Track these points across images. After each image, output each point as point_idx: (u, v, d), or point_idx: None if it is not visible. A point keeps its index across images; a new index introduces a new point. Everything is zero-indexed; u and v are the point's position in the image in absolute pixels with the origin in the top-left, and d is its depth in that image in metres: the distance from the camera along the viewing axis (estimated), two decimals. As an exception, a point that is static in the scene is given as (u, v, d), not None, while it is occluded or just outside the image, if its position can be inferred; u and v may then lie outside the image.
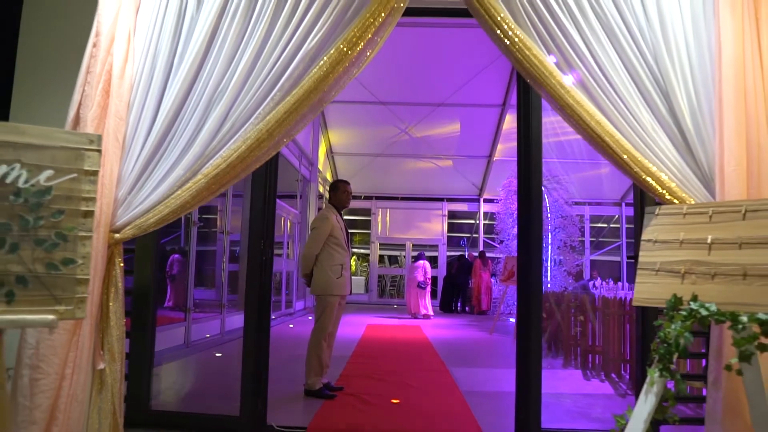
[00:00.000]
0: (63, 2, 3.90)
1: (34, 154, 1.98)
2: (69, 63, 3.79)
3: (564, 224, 10.69)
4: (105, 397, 2.59)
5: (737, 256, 2.27)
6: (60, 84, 3.80)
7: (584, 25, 2.77)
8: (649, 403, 2.28)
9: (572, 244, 10.75)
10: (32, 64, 3.88)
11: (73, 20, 3.86)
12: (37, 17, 3.93)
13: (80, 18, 3.82)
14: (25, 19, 3.94)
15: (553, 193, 11.20)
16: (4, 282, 1.84)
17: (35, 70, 3.87)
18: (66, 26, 3.86)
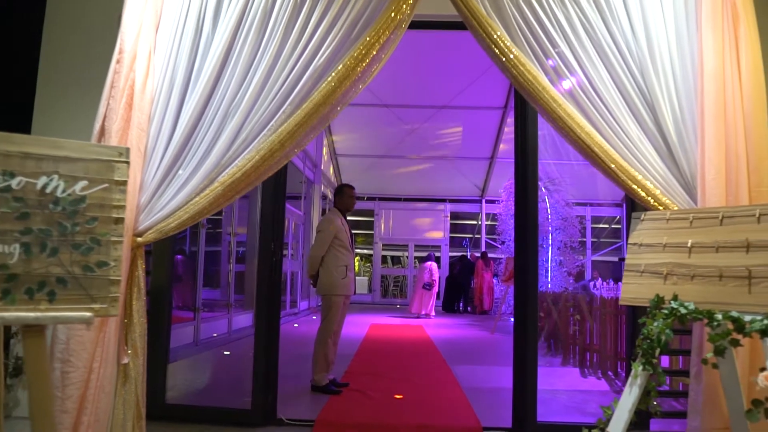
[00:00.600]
0: (81, 16, 4.09)
1: (70, 166, 2.17)
2: (87, 74, 4.03)
3: (564, 225, 10.86)
4: (129, 390, 2.79)
5: (714, 259, 2.46)
6: (79, 94, 4.02)
7: (575, 42, 2.96)
8: (633, 394, 2.47)
9: (572, 245, 10.91)
10: (53, 75, 4.07)
11: (91, 34, 4.07)
12: (57, 31, 4.12)
13: (98, 31, 4.06)
14: (46, 32, 4.14)
15: (554, 194, 11.37)
16: (46, 282, 2.04)
17: (55, 81, 4.06)
18: (84, 39, 4.05)
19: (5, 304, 1.96)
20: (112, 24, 4.01)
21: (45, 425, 1.94)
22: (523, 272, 3.75)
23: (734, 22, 2.86)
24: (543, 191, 11.22)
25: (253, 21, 3.02)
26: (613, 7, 2.99)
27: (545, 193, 11.24)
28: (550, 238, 11.04)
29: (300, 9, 3.02)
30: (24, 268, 2.01)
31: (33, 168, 2.11)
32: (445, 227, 18.32)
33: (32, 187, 2.09)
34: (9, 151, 2.09)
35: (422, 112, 14.43)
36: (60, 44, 4.09)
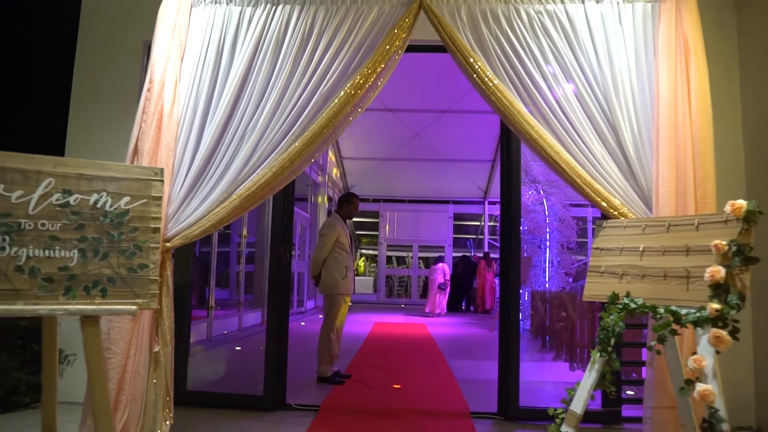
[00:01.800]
0: (111, 42, 4.53)
1: (116, 185, 2.62)
2: (116, 95, 4.48)
3: (561, 227, 11.23)
4: (159, 374, 3.23)
5: (661, 261, 2.87)
6: (109, 114, 4.47)
7: (548, 71, 3.37)
8: (592, 377, 2.88)
9: (569, 246, 11.27)
10: (84, 96, 4.52)
11: (120, 58, 4.52)
12: (89, 55, 4.56)
13: (126, 56, 4.52)
14: (78, 57, 4.58)
15: (552, 197, 11.74)
16: (99, 281, 2.48)
17: (87, 102, 4.50)
18: (114, 63, 4.51)
19: (68, 299, 2.41)
20: (139, 49, 4.50)
21: (101, 396, 2.38)
22: (506, 273, 4.18)
23: (686, 55, 3.26)
24: (541, 194, 11.60)
25: (266, 53, 3.46)
26: (581, 40, 3.41)
27: (543, 195, 11.60)
28: (548, 240, 11.41)
29: (306, 42, 3.46)
30: (81, 269, 2.46)
31: (86, 187, 2.56)
32: (449, 228, 18.69)
33: (86, 203, 2.54)
34: (67, 173, 2.53)
35: (426, 116, 14.81)
36: (91, 67, 4.54)
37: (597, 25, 3.41)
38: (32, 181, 2.46)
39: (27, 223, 2.41)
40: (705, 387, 2.40)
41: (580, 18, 3.43)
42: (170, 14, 3.50)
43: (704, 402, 2.39)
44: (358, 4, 3.49)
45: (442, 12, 3.43)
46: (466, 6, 3.45)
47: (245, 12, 3.54)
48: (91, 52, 4.58)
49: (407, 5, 3.45)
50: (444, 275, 13.67)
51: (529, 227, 11.53)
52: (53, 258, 2.43)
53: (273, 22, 3.50)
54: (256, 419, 3.87)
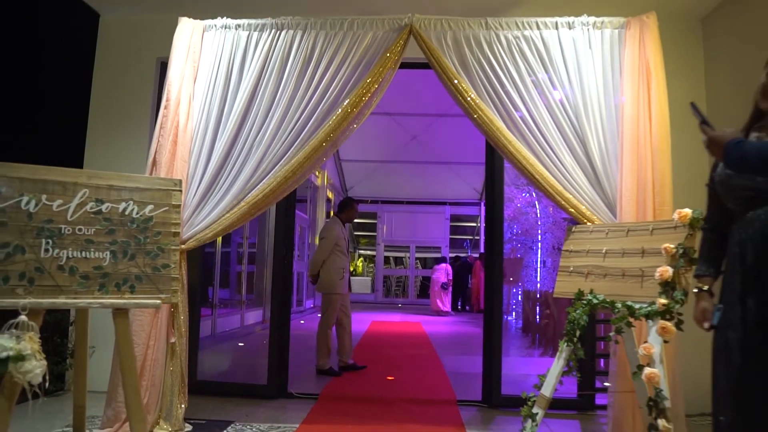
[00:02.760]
0: (127, 59, 4.90)
1: (141, 194, 2.99)
2: (131, 110, 4.84)
3: (552, 229, 11.61)
4: (175, 363, 3.60)
5: (620, 262, 3.25)
6: (124, 127, 4.83)
7: (524, 91, 3.75)
8: (559, 364, 3.27)
9: (560, 247, 11.65)
10: (101, 110, 4.88)
11: (134, 75, 4.89)
12: (106, 72, 4.92)
13: (140, 73, 4.88)
14: (96, 73, 4.95)
15: (544, 200, 12.12)
16: (128, 279, 2.85)
17: (104, 116, 4.86)
18: (129, 79, 4.87)
19: (102, 294, 2.78)
20: (152, 66, 4.87)
21: (131, 376, 2.76)
22: (490, 273, 4.56)
23: (647, 77, 3.64)
24: (534, 196, 11.97)
25: (271, 74, 3.84)
26: (555, 63, 3.78)
27: (536, 198, 11.98)
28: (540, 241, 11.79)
29: (308, 64, 3.84)
30: (113, 268, 2.84)
31: (116, 196, 2.93)
32: (446, 229, 19.05)
33: (116, 210, 2.91)
34: (99, 185, 2.91)
35: (423, 120, 15.17)
36: (108, 84, 4.90)
37: (569, 49, 3.79)
38: (70, 192, 2.84)
39: (66, 228, 2.78)
40: (651, 370, 2.78)
41: (554, 43, 3.81)
42: (184, 38, 3.87)
43: (651, 383, 2.77)
44: (354, 30, 3.86)
45: (430, 37, 3.81)
46: (452, 31, 3.83)
47: (252, 36, 3.92)
48: (108, 69, 4.94)
49: (398, 31, 3.83)
50: (447, 275, 14.19)
51: (521, 229, 11.90)
52: (89, 258, 2.80)
53: (277, 45, 3.88)
54: (261, 405, 4.24)
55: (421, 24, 3.82)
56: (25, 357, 2.36)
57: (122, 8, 4.90)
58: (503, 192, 4.63)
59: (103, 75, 4.96)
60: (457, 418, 4.10)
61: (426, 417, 4.08)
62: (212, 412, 3.99)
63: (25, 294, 2.61)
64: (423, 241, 19.25)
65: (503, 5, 4.48)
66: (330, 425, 3.80)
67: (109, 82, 4.93)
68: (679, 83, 4.48)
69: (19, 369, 2.34)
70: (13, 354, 2.34)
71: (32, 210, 2.73)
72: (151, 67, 4.90)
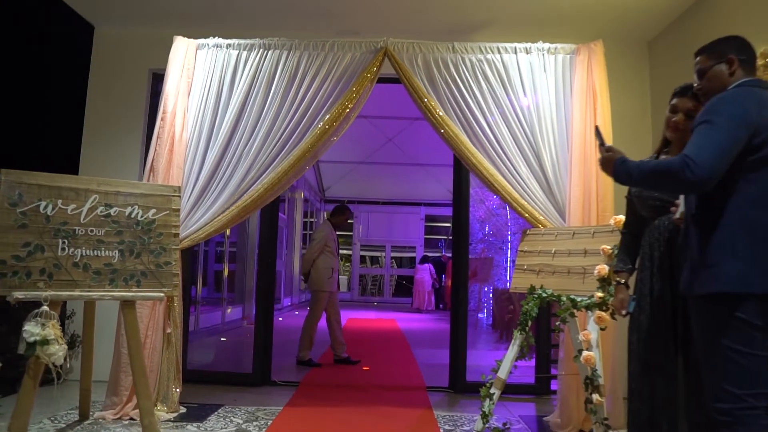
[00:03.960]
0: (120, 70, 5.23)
1: (145, 200, 3.37)
2: (124, 116, 5.18)
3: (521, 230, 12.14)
4: (171, 351, 3.98)
5: (566, 261, 3.73)
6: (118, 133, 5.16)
7: (486, 109, 4.21)
8: (514, 350, 3.73)
9: (528, 248, 12.18)
10: (96, 117, 5.20)
11: (127, 84, 5.23)
12: (100, 81, 5.25)
13: (133, 82, 5.22)
14: (91, 82, 5.27)
15: (514, 202, 12.63)
16: (134, 274, 3.23)
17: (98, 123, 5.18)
18: (122, 89, 5.21)
19: (112, 288, 3.16)
20: (145, 77, 5.22)
21: (138, 359, 3.15)
22: (457, 272, 5.02)
23: (594, 98, 4.13)
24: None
25: (258, 89, 4.23)
26: (514, 83, 4.25)
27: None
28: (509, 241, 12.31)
29: (292, 82, 4.24)
30: (121, 265, 3.22)
31: (123, 201, 3.31)
32: (421, 229, 19.52)
33: (123, 214, 3.29)
34: (108, 191, 3.29)
35: (399, 123, 15.60)
36: (102, 92, 5.23)
37: (526, 72, 4.26)
38: (82, 197, 3.21)
39: (80, 230, 3.15)
40: (588, 353, 3.26)
41: (513, 66, 4.27)
42: (180, 56, 4.24)
43: (588, 364, 3.25)
44: (335, 51, 4.28)
45: (402, 59, 4.25)
46: (422, 54, 4.27)
47: (242, 55, 4.31)
48: (102, 79, 5.26)
49: (374, 53, 4.25)
50: (432, 275, 14.77)
51: (492, 230, 12.40)
52: (100, 256, 3.18)
53: (264, 64, 4.28)
54: (247, 392, 4.63)
55: (395, 47, 4.25)
56: (49, 341, 2.74)
57: (116, 22, 5.22)
58: (469, 197, 5.10)
59: (97, 84, 5.27)
60: (426, 401, 4.55)
61: (398, 401, 4.52)
62: (203, 397, 4.37)
63: (46, 287, 2.98)
64: (398, 241, 19.68)
65: (468, 28, 4.96)
66: (311, 408, 4.21)
67: (103, 92, 5.25)
68: (628, 100, 5.02)
69: (45, 352, 2.71)
70: (39, 339, 2.71)
71: (50, 213, 3.10)
72: (144, 78, 5.24)
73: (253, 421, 3.79)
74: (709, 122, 1.92)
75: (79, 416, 3.66)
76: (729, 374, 1.83)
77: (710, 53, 2.18)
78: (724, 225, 1.92)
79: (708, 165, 1.84)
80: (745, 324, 1.81)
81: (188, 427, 3.60)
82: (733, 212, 1.90)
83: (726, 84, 2.08)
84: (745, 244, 1.87)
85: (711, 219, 1.96)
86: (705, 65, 2.19)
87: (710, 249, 1.93)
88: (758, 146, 1.88)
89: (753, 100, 1.93)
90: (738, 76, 2.07)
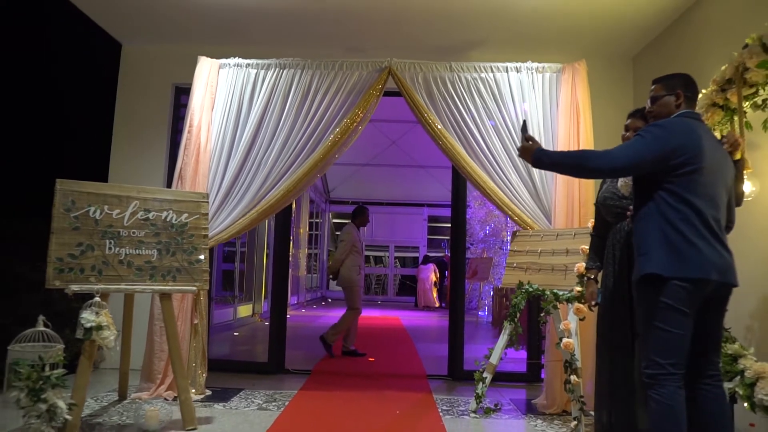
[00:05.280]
0: (147, 85, 5.70)
1: (178, 205, 3.84)
2: (149, 127, 5.64)
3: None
4: (198, 340, 4.45)
5: (550, 259, 4.19)
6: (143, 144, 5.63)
7: (480, 123, 4.66)
8: (504, 339, 4.19)
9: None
10: (124, 129, 5.68)
11: (152, 97, 5.70)
12: (127, 95, 5.72)
13: (158, 96, 5.69)
14: (119, 96, 5.75)
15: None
16: (170, 270, 3.70)
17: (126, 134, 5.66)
18: (147, 102, 5.68)
19: (152, 282, 3.63)
20: (168, 90, 5.69)
21: (175, 343, 3.62)
22: (455, 271, 5.48)
23: (577, 113, 4.58)
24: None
25: (275, 105, 4.70)
26: (505, 99, 4.70)
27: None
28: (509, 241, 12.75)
29: (305, 98, 4.70)
30: (159, 263, 3.69)
31: (159, 207, 3.78)
32: (424, 230, 19.96)
33: (160, 218, 3.76)
34: (146, 197, 3.76)
35: (402, 126, 16.06)
36: (128, 105, 5.70)
37: (516, 89, 4.71)
38: (124, 203, 3.68)
39: (123, 232, 3.63)
40: (568, 340, 3.72)
41: (505, 83, 4.73)
42: (204, 74, 4.72)
43: (567, 349, 3.71)
44: (344, 70, 4.74)
45: (405, 77, 4.71)
46: (422, 73, 4.74)
47: (260, 74, 4.77)
48: (128, 92, 5.73)
49: (380, 72, 4.71)
50: (435, 274, 15.52)
51: (492, 230, 12.84)
52: (141, 255, 3.65)
53: (280, 82, 4.74)
54: (264, 378, 5.10)
55: (398, 66, 4.72)
56: (103, 327, 3.21)
57: (141, 39, 5.70)
58: (466, 200, 5.57)
59: (124, 97, 5.75)
60: (426, 387, 5.01)
61: (401, 386, 4.98)
62: (225, 382, 4.84)
63: (96, 281, 3.45)
64: (402, 241, 20.11)
65: (464, 47, 5.43)
66: (322, 391, 4.68)
67: (130, 104, 5.72)
68: (613, 113, 5.43)
69: (100, 336, 3.18)
70: (95, 325, 3.18)
71: (98, 217, 3.57)
72: (167, 91, 5.72)
73: (272, 402, 4.26)
74: (639, 135, 2.45)
75: (119, 396, 4.14)
76: (656, 347, 2.29)
77: (664, 85, 2.64)
78: (652, 223, 2.40)
79: (617, 161, 2.40)
80: (669, 307, 2.27)
81: (215, 406, 4.07)
82: (658, 214, 2.38)
83: (671, 112, 2.55)
84: (666, 239, 2.33)
85: (643, 219, 2.44)
86: (658, 94, 2.65)
87: (643, 242, 2.41)
88: (678, 164, 2.35)
89: (684, 128, 2.39)
90: (681, 108, 2.54)
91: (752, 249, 3.58)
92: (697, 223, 2.29)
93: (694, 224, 2.29)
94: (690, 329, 2.29)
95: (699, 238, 2.28)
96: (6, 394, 2.89)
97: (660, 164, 2.37)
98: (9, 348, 3.00)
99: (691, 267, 2.26)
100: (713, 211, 2.33)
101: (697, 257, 2.26)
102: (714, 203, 2.34)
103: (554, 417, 4.14)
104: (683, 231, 2.28)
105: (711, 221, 2.31)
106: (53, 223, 3.41)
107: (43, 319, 3.13)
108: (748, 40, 3.04)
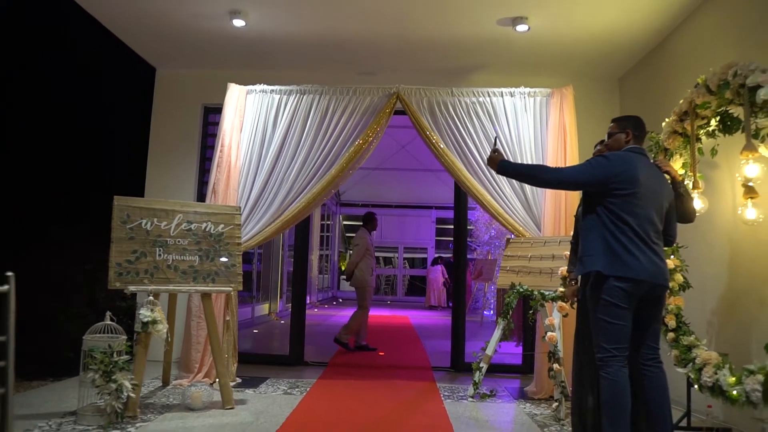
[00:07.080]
0: (178, 105, 6.34)
1: (216, 218, 4.47)
2: (182, 146, 6.28)
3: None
4: (229, 335, 5.06)
5: (539, 263, 4.77)
6: (176, 160, 6.26)
7: (477, 140, 5.25)
8: (498, 333, 4.78)
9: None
10: (159, 146, 6.32)
11: (184, 117, 6.34)
12: (162, 115, 6.36)
13: (189, 115, 6.33)
14: (154, 116, 6.39)
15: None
16: (210, 274, 4.32)
17: (161, 151, 6.30)
18: (179, 121, 6.32)
19: (195, 284, 4.26)
20: (198, 110, 6.32)
21: (215, 336, 4.24)
22: (457, 271, 6.07)
23: (564, 134, 5.15)
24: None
25: (296, 126, 5.31)
26: (500, 122, 5.29)
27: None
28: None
29: (323, 120, 5.31)
30: (201, 267, 4.31)
31: (200, 219, 4.41)
32: (432, 231, 20.50)
33: (200, 228, 4.39)
34: (188, 211, 4.38)
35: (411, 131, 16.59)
36: (162, 124, 6.34)
37: (510, 111, 5.30)
38: (170, 216, 4.31)
39: (170, 240, 4.25)
40: (551, 334, 4.31)
41: (500, 106, 5.32)
42: (233, 99, 5.34)
43: (551, 342, 4.29)
44: (357, 95, 5.34)
45: (411, 102, 5.31)
46: (427, 98, 5.33)
47: (283, 99, 5.39)
48: (162, 113, 6.37)
49: (389, 97, 5.32)
50: (444, 274, 16.18)
51: (496, 233, 13.37)
52: (185, 260, 4.28)
53: (301, 105, 5.36)
54: (285, 370, 5.72)
55: (405, 92, 5.32)
56: (157, 321, 3.83)
57: (174, 64, 6.34)
58: (467, 205, 6.16)
59: (158, 118, 6.39)
60: (430, 377, 5.61)
61: (408, 376, 5.59)
62: (252, 372, 5.46)
63: (149, 283, 4.08)
64: (411, 243, 20.64)
65: (463, 71, 6.04)
66: (339, 380, 5.29)
67: (163, 124, 6.36)
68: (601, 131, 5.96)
69: (155, 328, 3.81)
70: (150, 319, 3.81)
71: (149, 228, 4.20)
72: (197, 112, 6.35)
73: (295, 388, 4.88)
74: (589, 162, 3.08)
75: (162, 382, 4.77)
76: (602, 335, 2.88)
77: (618, 124, 3.23)
78: (595, 232, 2.99)
79: (566, 177, 3.07)
80: (610, 304, 2.86)
81: (246, 391, 4.69)
82: (601, 225, 2.97)
83: (621, 147, 3.14)
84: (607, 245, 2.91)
85: (589, 229, 3.04)
86: (613, 131, 3.24)
87: (589, 246, 3.01)
88: (616, 188, 2.94)
89: (625, 159, 2.99)
90: (630, 143, 3.13)
91: (714, 256, 4.15)
92: (632, 236, 2.87)
93: (629, 236, 2.87)
94: (629, 320, 2.88)
95: (634, 246, 2.86)
96: (83, 375, 3.52)
97: (601, 186, 2.97)
98: (84, 338, 3.64)
99: (626, 269, 2.84)
100: (647, 226, 2.91)
101: (633, 261, 2.84)
102: (649, 220, 2.92)
103: (542, 401, 4.72)
104: (621, 240, 2.87)
105: (643, 234, 2.89)
106: (113, 234, 4.05)
107: (109, 314, 3.76)
108: (699, 80, 3.61)
